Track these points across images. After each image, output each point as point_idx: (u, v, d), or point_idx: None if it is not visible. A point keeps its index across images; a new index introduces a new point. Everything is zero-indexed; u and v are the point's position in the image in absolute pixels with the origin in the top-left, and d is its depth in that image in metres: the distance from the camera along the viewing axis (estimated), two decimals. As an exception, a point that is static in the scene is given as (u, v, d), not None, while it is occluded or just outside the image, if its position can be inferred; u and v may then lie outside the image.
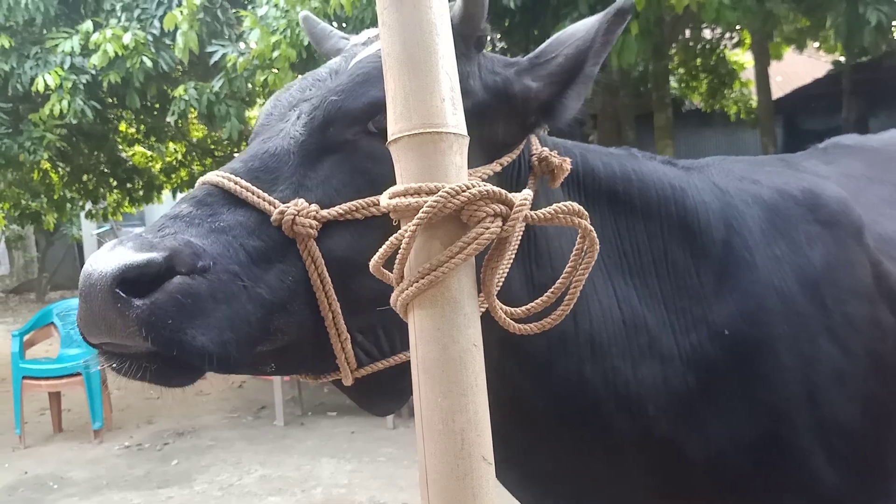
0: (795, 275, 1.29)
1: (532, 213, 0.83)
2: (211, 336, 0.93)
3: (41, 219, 14.88)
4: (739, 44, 10.16)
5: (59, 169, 11.48)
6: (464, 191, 0.76)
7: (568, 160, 1.21)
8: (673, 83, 11.09)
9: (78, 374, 6.29)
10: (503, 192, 0.79)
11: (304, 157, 1.09)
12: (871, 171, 1.55)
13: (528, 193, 0.82)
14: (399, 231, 0.78)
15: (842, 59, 9.76)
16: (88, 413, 6.38)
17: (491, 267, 0.83)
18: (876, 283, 1.31)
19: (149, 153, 12.39)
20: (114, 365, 0.97)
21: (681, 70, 10.99)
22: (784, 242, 1.32)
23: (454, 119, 0.79)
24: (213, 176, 1.06)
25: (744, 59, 11.15)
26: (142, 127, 10.62)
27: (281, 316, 1.01)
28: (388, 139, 0.80)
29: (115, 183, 11.83)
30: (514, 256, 1.12)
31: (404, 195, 0.78)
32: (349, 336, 1.07)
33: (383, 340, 1.12)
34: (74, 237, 18.37)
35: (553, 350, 1.22)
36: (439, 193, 0.76)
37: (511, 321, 0.89)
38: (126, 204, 12.99)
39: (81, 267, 0.94)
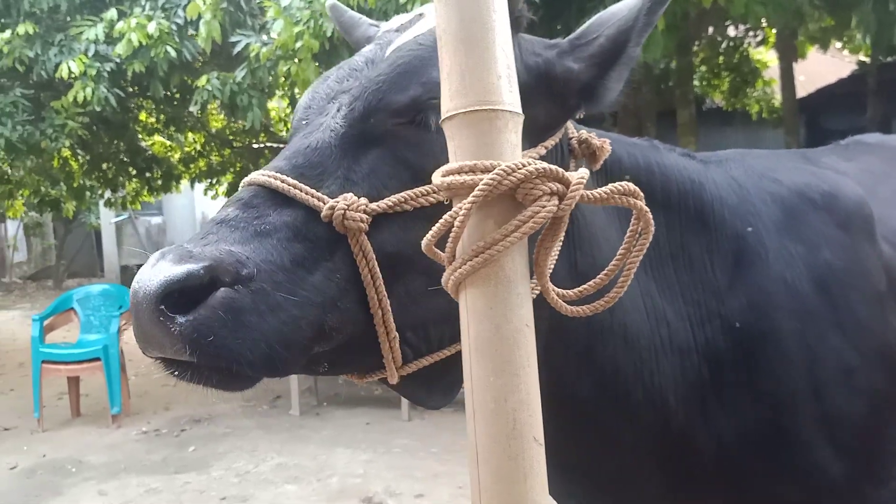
0: (809, 273, 1.31)
1: (588, 192, 0.82)
2: (257, 349, 0.92)
3: (60, 206, 15.00)
4: (763, 42, 10.05)
5: (79, 157, 11.56)
6: (520, 168, 0.76)
7: (608, 141, 1.20)
8: (695, 81, 11.01)
9: (97, 359, 6.36)
10: (560, 170, 0.78)
11: (346, 150, 1.07)
12: (889, 168, 1.56)
13: (584, 172, 0.81)
14: (453, 209, 0.77)
15: (866, 59, 9.64)
16: (107, 398, 6.44)
17: (545, 247, 0.82)
18: (887, 285, 1.33)
19: (168, 143, 12.45)
20: (175, 373, 0.96)
21: (703, 68, 10.90)
22: (800, 243, 1.34)
23: (510, 97, 0.78)
24: (259, 176, 1.04)
25: (767, 57, 11.04)
26: (162, 116, 10.67)
27: (333, 316, 1.00)
28: (443, 116, 0.80)
29: (134, 172, 11.91)
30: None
31: (458, 173, 0.77)
32: (398, 335, 1.05)
33: (431, 336, 1.10)
34: (92, 225, 18.50)
35: (593, 338, 1.22)
36: (495, 171, 0.75)
37: (563, 303, 0.89)
38: (145, 193, 13.08)
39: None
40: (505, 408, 0.75)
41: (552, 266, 0.97)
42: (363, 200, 1.01)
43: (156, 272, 0.90)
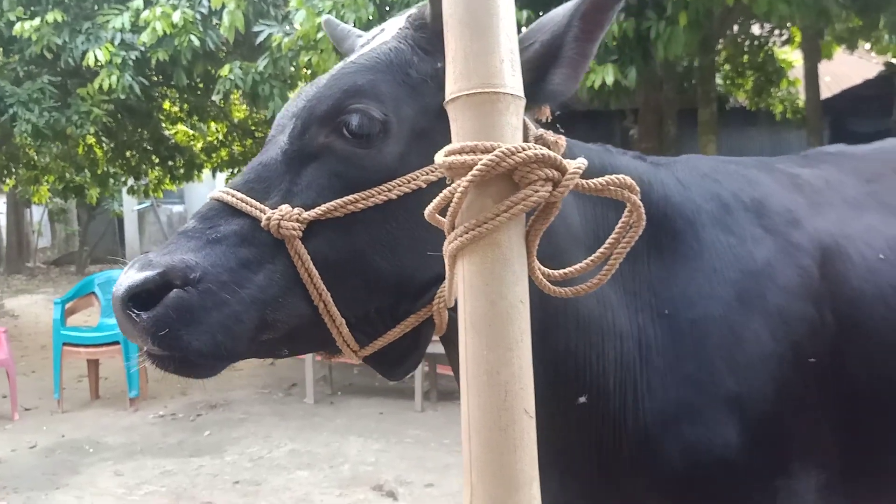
0: (737, 266, 1.38)
1: (583, 181, 0.84)
2: (204, 339, 1.08)
3: (84, 193, 15.25)
4: (788, 41, 9.95)
5: (104, 144, 11.74)
6: (518, 152, 0.78)
7: (563, 138, 1.26)
8: (718, 80, 10.93)
9: (116, 343, 6.46)
10: (557, 157, 0.81)
11: (289, 165, 1.20)
12: (843, 177, 1.59)
13: (582, 161, 0.83)
14: (452, 185, 0.80)
15: (894, 60, 9.50)
16: (125, 382, 6.55)
17: (535, 230, 0.84)
18: (815, 283, 1.38)
19: (191, 132, 12.60)
20: (149, 361, 1.14)
21: (726, 67, 10.81)
22: (731, 235, 1.41)
23: (512, 80, 0.81)
24: (217, 192, 1.20)
25: (792, 57, 10.92)
26: (185, 106, 10.80)
27: (276, 310, 1.14)
28: (447, 98, 0.82)
29: (156, 160, 12.07)
30: None
31: (460, 153, 0.79)
32: (344, 321, 1.18)
33: (377, 322, 1.22)
34: (115, 212, 18.78)
35: (549, 320, 1.29)
36: (494, 153, 0.77)
37: (547, 283, 0.92)
38: (167, 181, 13.25)
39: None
40: (497, 380, 0.78)
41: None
42: (297, 210, 1.14)
43: (125, 278, 1.08)
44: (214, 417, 6.33)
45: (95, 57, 6.61)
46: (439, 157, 0.82)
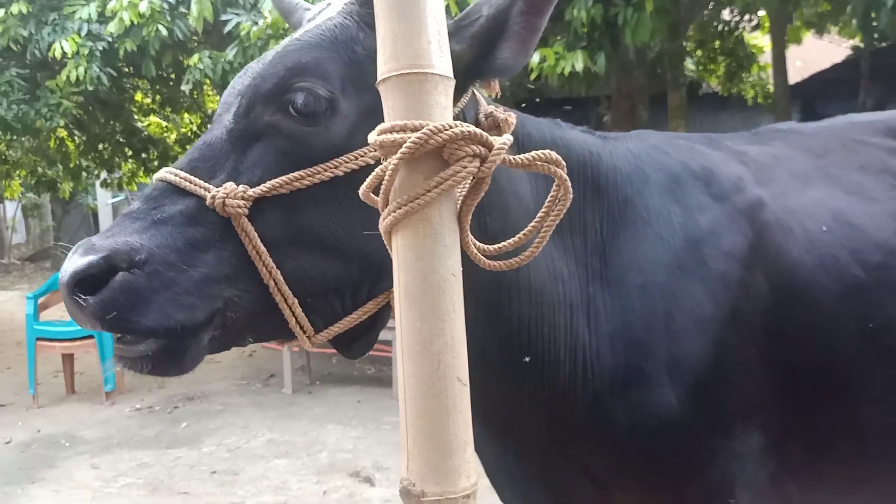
0: (683, 233, 1.41)
1: (511, 157, 0.87)
2: (154, 318, 1.07)
3: (57, 187, 15.02)
4: (758, 27, 10.04)
5: (76, 137, 11.57)
6: (446, 129, 0.81)
7: (513, 115, 1.27)
8: (690, 66, 11.00)
9: (90, 337, 6.41)
10: (484, 134, 0.84)
11: (235, 143, 1.19)
12: (791, 152, 1.62)
13: (507, 138, 0.86)
14: (384, 163, 0.83)
15: (860, 44, 9.64)
16: (101, 376, 6.52)
17: (467, 205, 0.87)
18: (756, 250, 1.41)
19: (164, 124, 12.46)
20: (119, 364, 1.14)
21: (699, 52, 10.89)
22: (678, 206, 1.44)
23: (440, 61, 0.83)
24: (161, 172, 1.19)
25: (762, 42, 11.02)
26: (157, 97, 10.68)
27: (227, 287, 1.13)
28: (378, 80, 0.85)
29: (130, 153, 11.92)
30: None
31: (390, 132, 0.82)
32: (297, 301, 1.17)
33: (332, 303, 1.21)
34: (90, 206, 18.55)
35: (502, 293, 1.32)
36: (422, 130, 0.80)
37: (482, 257, 0.95)
38: (141, 174, 13.07)
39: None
40: (430, 350, 0.81)
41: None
42: (242, 188, 1.13)
43: (69, 264, 1.07)
44: (192, 409, 6.32)
45: (62, 48, 6.52)
46: (372, 136, 0.84)
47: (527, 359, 1.36)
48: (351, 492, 4.44)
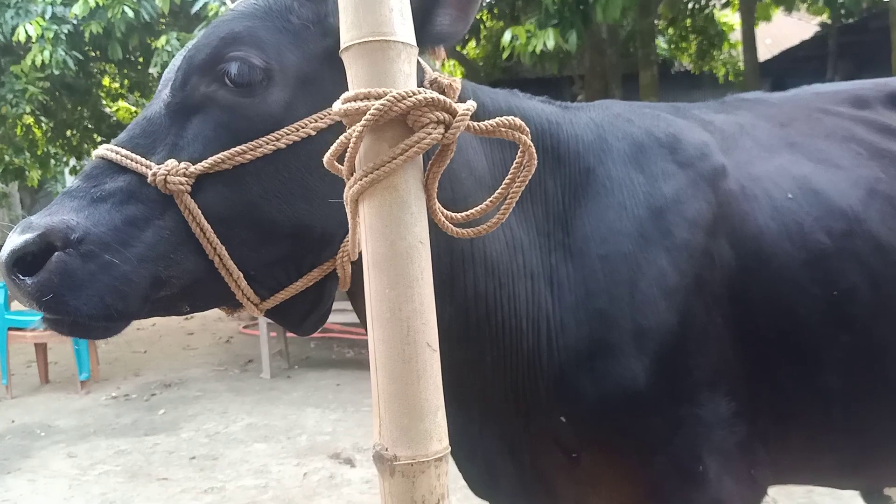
0: (646, 202, 1.41)
1: (474, 123, 0.88)
2: (91, 301, 1.06)
3: (25, 175, 14.73)
4: (728, 4, 10.12)
5: (43, 124, 11.36)
6: (409, 96, 0.81)
7: (458, 80, 1.26)
8: (662, 44, 11.06)
9: (64, 326, 6.33)
10: (447, 100, 0.84)
11: (174, 118, 1.18)
12: (757, 121, 1.63)
13: (471, 104, 0.87)
14: (349, 131, 0.83)
15: (828, 20, 9.75)
16: (75, 365, 6.45)
17: (433, 172, 0.88)
18: (720, 218, 1.42)
19: (133, 108, 12.26)
20: (44, 325, 1.12)
21: (670, 31, 10.95)
22: (642, 175, 1.44)
23: (402, 29, 0.83)
24: (101, 149, 1.17)
25: (733, 20, 11.11)
26: (125, 81, 10.51)
27: (169, 267, 1.12)
28: (341, 48, 0.85)
29: (99, 139, 11.71)
30: None
31: (354, 100, 0.82)
32: (241, 274, 1.17)
33: (276, 273, 1.22)
34: (59, 194, 18.22)
35: (456, 265, 1.32)
36: (386, 98, 0.81)
37: (450, 224, 0.95)
38: (111, 161, 12.89)
39: None
40: (399, 316, 0.82)
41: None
42: (183, 165, 1.12)
43: (8, 242, 1.06)
44: (169, 396, 6.29)
45: (26, 32, 6.38)
46: (336, 105, 0.84)
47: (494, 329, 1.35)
48: (331, 473, 4.45)
